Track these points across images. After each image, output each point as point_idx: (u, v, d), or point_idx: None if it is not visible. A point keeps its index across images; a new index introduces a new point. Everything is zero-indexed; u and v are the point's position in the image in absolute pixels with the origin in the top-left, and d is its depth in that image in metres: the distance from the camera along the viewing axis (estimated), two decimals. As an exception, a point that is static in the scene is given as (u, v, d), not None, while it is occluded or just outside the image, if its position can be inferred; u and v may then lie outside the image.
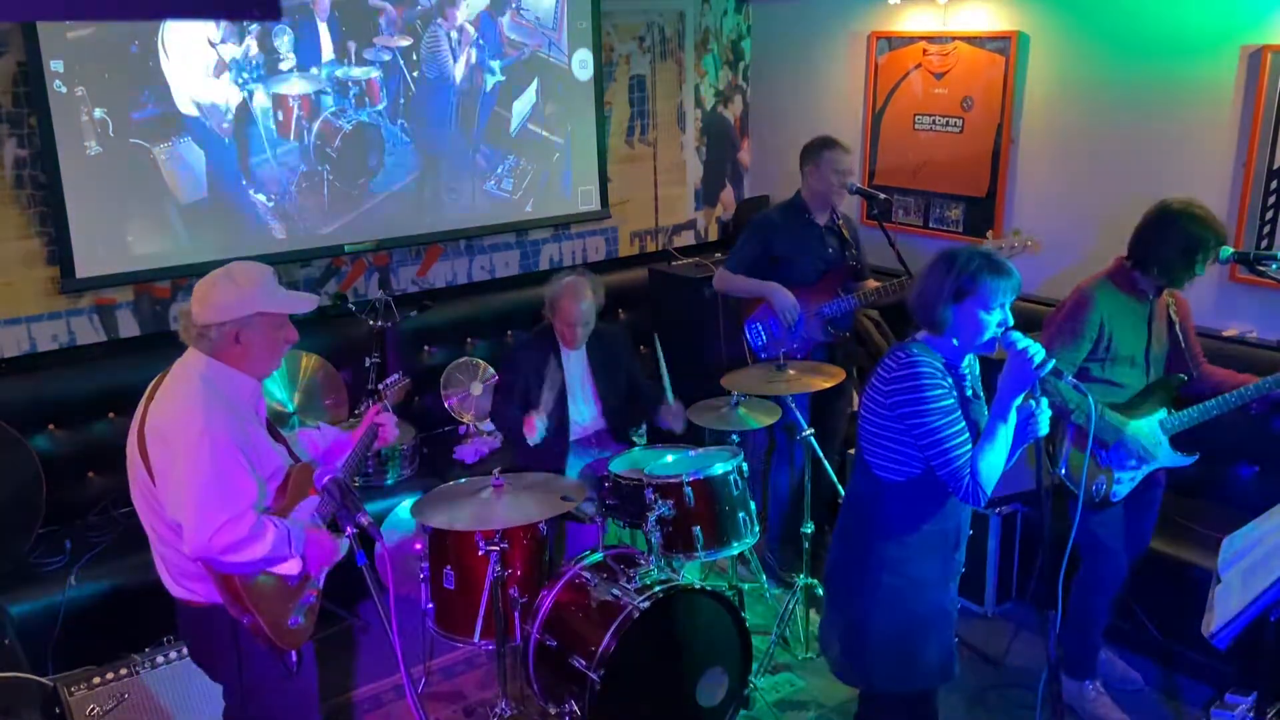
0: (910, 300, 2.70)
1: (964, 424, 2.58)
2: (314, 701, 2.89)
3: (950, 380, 2.61)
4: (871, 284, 4.42)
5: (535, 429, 3.95)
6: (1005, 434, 2.56)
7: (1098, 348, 3.39)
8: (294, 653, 2.71)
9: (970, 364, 2.74)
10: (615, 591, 3.35)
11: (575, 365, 4.24)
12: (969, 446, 2.57)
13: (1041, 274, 4.70)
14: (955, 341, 2.62)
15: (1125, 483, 3.46)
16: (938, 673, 2.83)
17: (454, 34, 4.96)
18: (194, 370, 2.60)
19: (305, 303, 2.70)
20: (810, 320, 4.32)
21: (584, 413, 4.27)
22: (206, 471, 2.47)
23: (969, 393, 2.70)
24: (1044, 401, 2.61)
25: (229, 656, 2.66)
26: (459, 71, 5.01)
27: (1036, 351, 2.51)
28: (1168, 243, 3.28)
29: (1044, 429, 2.61)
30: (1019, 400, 2.56)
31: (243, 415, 2.62)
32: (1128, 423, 3.40)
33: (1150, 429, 3.43)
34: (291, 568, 2.66)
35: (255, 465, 2.59)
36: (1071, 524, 3.41)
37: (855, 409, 4.79)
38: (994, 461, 2.55)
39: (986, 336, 2.58)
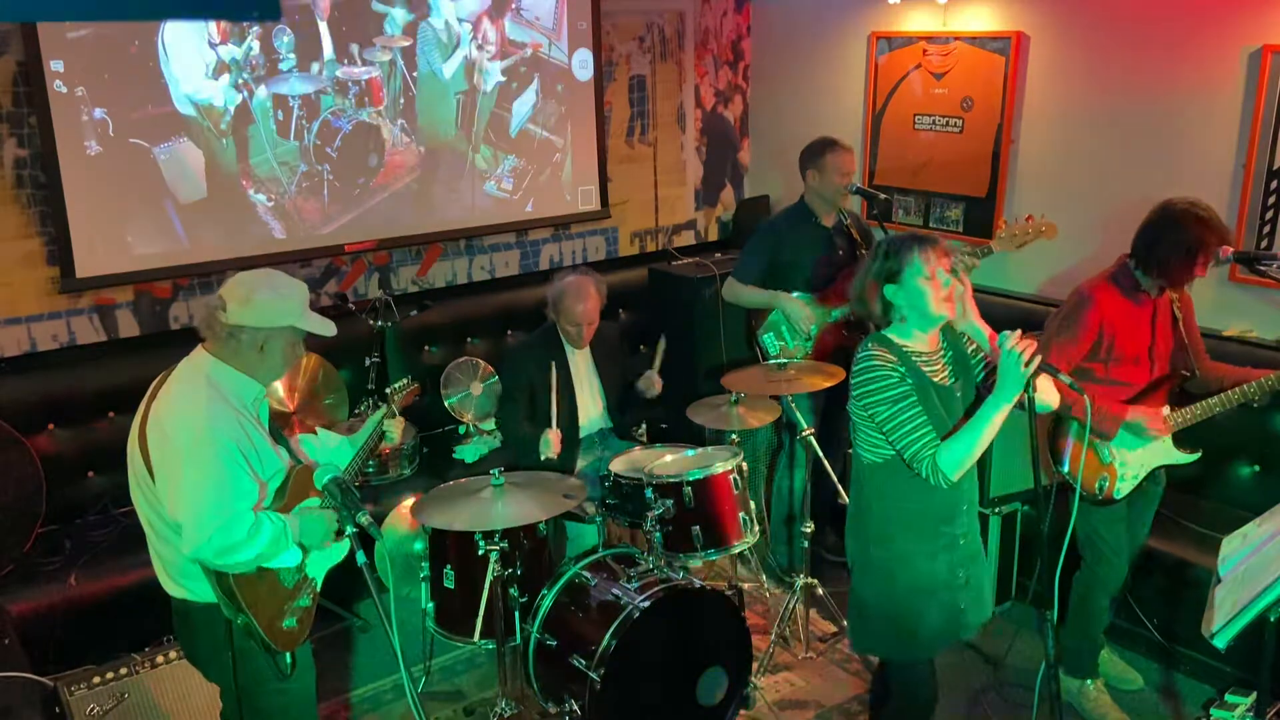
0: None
1: (920, 409, 2.66)
2: (311, 703, 2.88)
3: (905, 369, 2.68)
4: None
5: (549, 444, 3.96)
6: (986, 430, 2.62)
7: (1099, 348, 3.39)
8: (288, 655, 2.70)
9: (947, 348, 2.77)
10: (615, 591, 3.35)
11: (581, 364, 4.24)
12: (927, 429, 2.66)
13: (1042, 274, 4.71)
14: (907, 321, 2.69)
15: (1128, 480, 3.46)
16: (937, 638, 2.87)
17: (454, 34, 4.96)
18: (200, 370, 2.60)
19: (328, 327, 2.72)
20: (823, 326, 4.31)
21: (590, 411, 4.27)
22: (208, 472, 2.47)
23: (940, 379, 2.73)
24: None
25: (223, 657, 2.66)
26: (459, 71, 5.01)
27: (1028, 348, 2.55)
28: (1169, 243, 3.27)
29: None
30: (1011, 400, 2.59)
31: (245, 416, 2.62)
32: (1125, 411, 3.39)
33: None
34: (291, 559, 2.66)
35: (256, 466, 2.60)
36: (1077, 521, 3.43)
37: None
38: (962, 450, 2.64)
39: (933, 303, 2.66)
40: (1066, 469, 3.45)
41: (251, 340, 2.59)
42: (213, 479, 2.47)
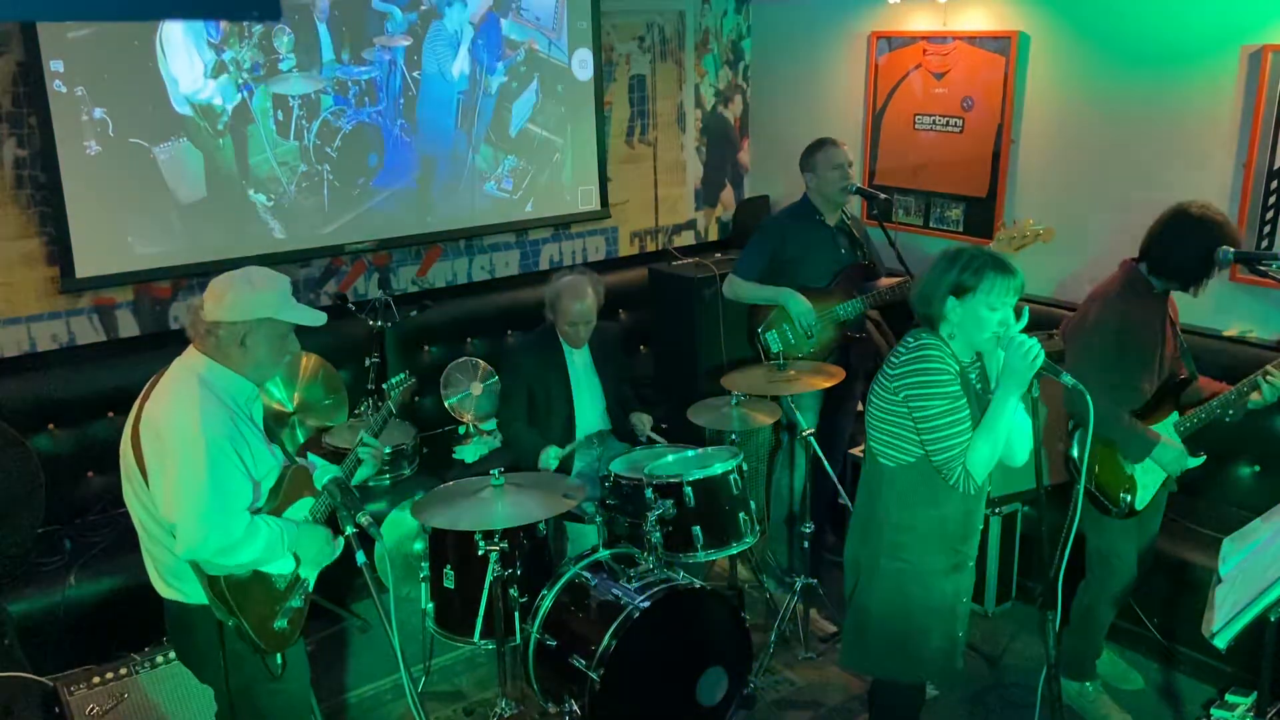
0: (911, 295, 2.73)
1: (967, 413, 2.62)
2: (306, 704, 2.88)
3: (957, 367, 2.63)
4: (885, 282, 4.41)
5: (551, 459, 3.97)
6: (1002, 426, 2.60)
7: (1123, 358, 3.37)
8: (279, 655, 2.70)
9: (977, 362, 2.75)
10: (615, 591, 3.35)
11: (580, 364, 4.23)
12: (968, 436, 2.61)
13: (1046, 277, 4.69)
14: (953, 337, 2.66)
15: (1149, 489, 3.44)
16: (938, 667, 2.84)
17: (454, 34, 4.96)
18: (192, 370, 2.60)
19: (315, 317, 2.71)
20: (826, 323, 4.31)
21: (589, 411, 4.27)
22: (201, 472, 2.47)
23: (979, 387, 2.71)
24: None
25: (215, 658, 2.66)
26: (459, 71, 5.01)
27: (1032, 346, 2.54)
28: (1187, 248, 3.24)
29: None
30: (1018, 394, 2.59)
31: (238, 415, 2.62)
32: (1159, 434, 3.37)
33: (1170, 434, 3.42)
34: (283, 566, 2.66)
35: (250, 465, 2.59)
36: (1087, 530, 3.41)
37: (862, 410, 4.80)
38: (987, 451, 2.61)
39: (986, 335, 2.60)
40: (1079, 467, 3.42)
41: (230, 335, 2.59)
42: (207, 479, 2.47)
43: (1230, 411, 3.37)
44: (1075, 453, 3.43)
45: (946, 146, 5.13)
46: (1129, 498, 3.41)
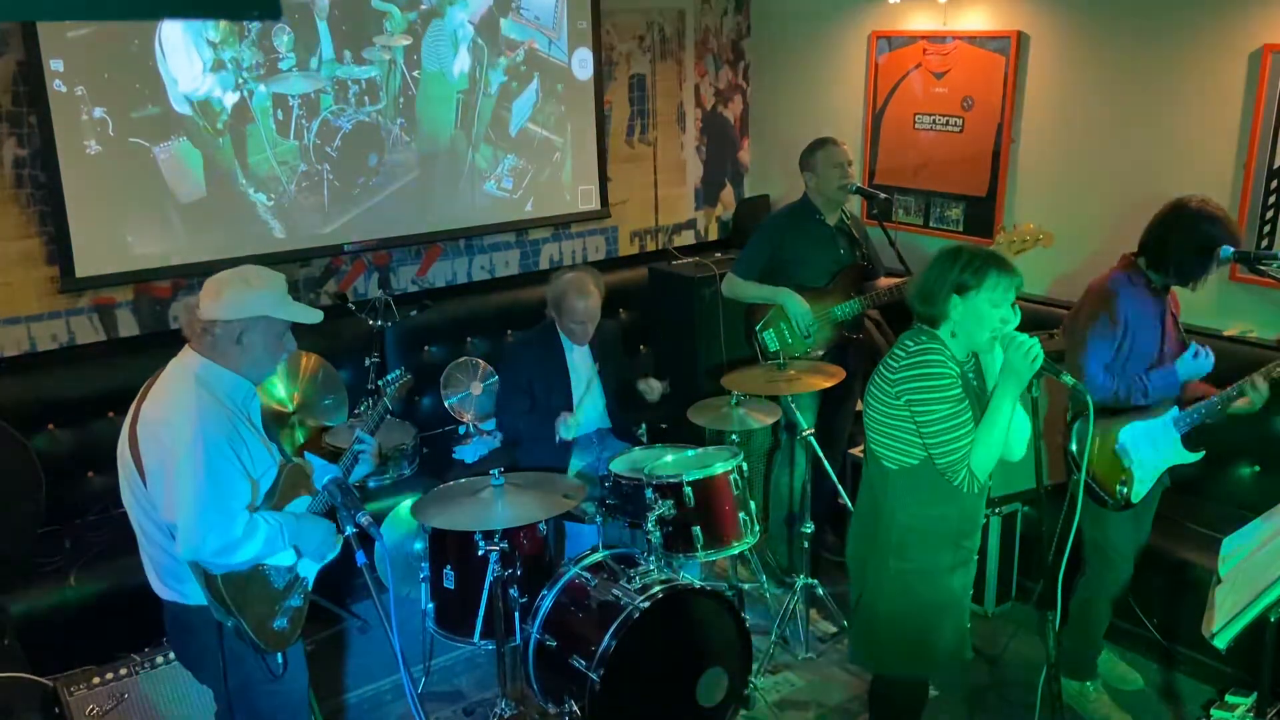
0: (910, 292, 2.73)
1: (970, 414, 2.62)
2: (304, 704, 2.88)
3: (958, 369, 2.63)
4: (883, 283, 4.41)
5: (570, 426, 3.98)
6: (1002, 425, 2.61)
7: (1122, 346, 3.38)
8: (280, 655, 2.70)
9: (972, 360, 2.75)
10: (615, 591, 3.35)
11: (581, 362, 4.23)
12: (971, 438, 2.61)
13: (1046, 276, 4.69)
14: (953, 335, 2.66)
15: (1147, 483, 3.45)
16: (950, 658, 2.85)
17: (454, 33, 4.96)
18: (189, 370, 2.60)
19: (311, 315, 2.71)
20: (823, 323, 4.31)
21: (590, 410, 4.26)
22: (200, 473, 2.47)
23: (977, 385, 2.72)
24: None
25: (214, 659, 2.65)
26: (459, 71, 5.01)
27: (1032, 345, 2.54)
28: (1185, 242, 3.25)
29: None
30: (1017, 393, 2.59)
31: (235, 414, 2.62)
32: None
33: (1168, 428, 3.42)
34: (285, 559, 2.66)
35: (247, 464, 2.59)
36: (1084, 524, 3.41)
37: (860, 410, 4.80)
38: (989, 451, 2.62)
39: (987, 333, 2.60)
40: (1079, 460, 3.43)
41: (227, 334, 2.58)
42: (205, 479, 2.47)
43: (1220, 408, 3.37)
44: (1074, 447, 3.44)
45: (946, 146, 5.13)
46: (1125, 490, 3.42)
